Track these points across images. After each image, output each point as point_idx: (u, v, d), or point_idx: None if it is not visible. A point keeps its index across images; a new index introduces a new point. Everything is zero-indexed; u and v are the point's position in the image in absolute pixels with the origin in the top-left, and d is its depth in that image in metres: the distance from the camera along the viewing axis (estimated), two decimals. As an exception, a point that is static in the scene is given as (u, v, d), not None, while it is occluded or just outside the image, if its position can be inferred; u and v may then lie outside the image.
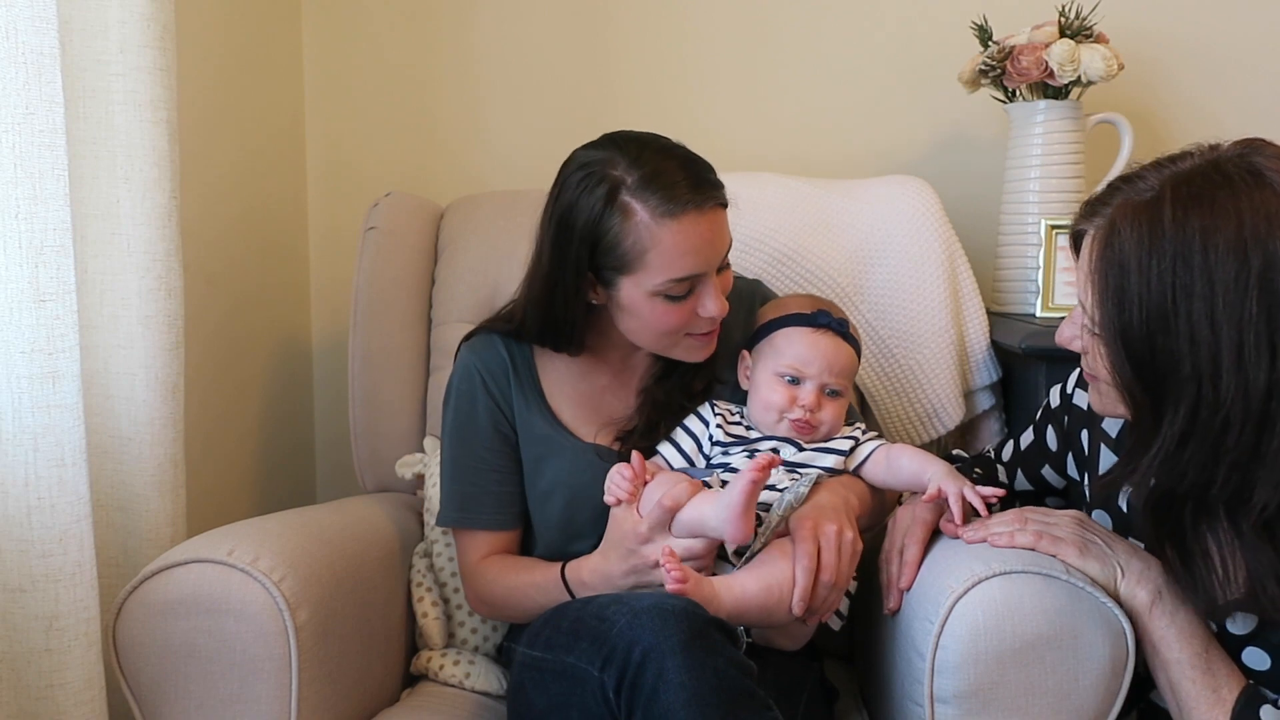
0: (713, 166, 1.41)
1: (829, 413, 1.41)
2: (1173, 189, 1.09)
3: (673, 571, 1.21)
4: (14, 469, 1.20)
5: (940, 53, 2.00)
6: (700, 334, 1.42)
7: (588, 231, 1.36)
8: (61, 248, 1.22)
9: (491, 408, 1.49)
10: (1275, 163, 1.08)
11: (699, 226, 1.35)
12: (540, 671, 1.23)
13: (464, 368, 1.52)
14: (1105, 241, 1.11)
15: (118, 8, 1.38)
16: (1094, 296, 1.13)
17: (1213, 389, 1.07)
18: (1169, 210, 1.07)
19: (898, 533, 1.35)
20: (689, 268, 1.36)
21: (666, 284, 1.36)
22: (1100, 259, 1.11)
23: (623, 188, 1.35)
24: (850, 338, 1.44)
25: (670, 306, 1.38)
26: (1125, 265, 1.09)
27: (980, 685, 1.18)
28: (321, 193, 2.19)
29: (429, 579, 1.61)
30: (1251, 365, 1.05)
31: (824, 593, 1.29)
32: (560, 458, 1.47)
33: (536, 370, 1.52)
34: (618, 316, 1.43)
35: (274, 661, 1.25)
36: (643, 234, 1.34)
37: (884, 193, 1.84)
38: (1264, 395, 1.05)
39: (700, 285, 1.38)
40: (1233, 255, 1.05)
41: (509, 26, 2.14)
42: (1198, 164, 1.11)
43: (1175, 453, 1.10)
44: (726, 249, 1.41)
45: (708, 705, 1.09)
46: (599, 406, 1.51)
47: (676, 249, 1.34)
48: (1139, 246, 1.08)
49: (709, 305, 1.38)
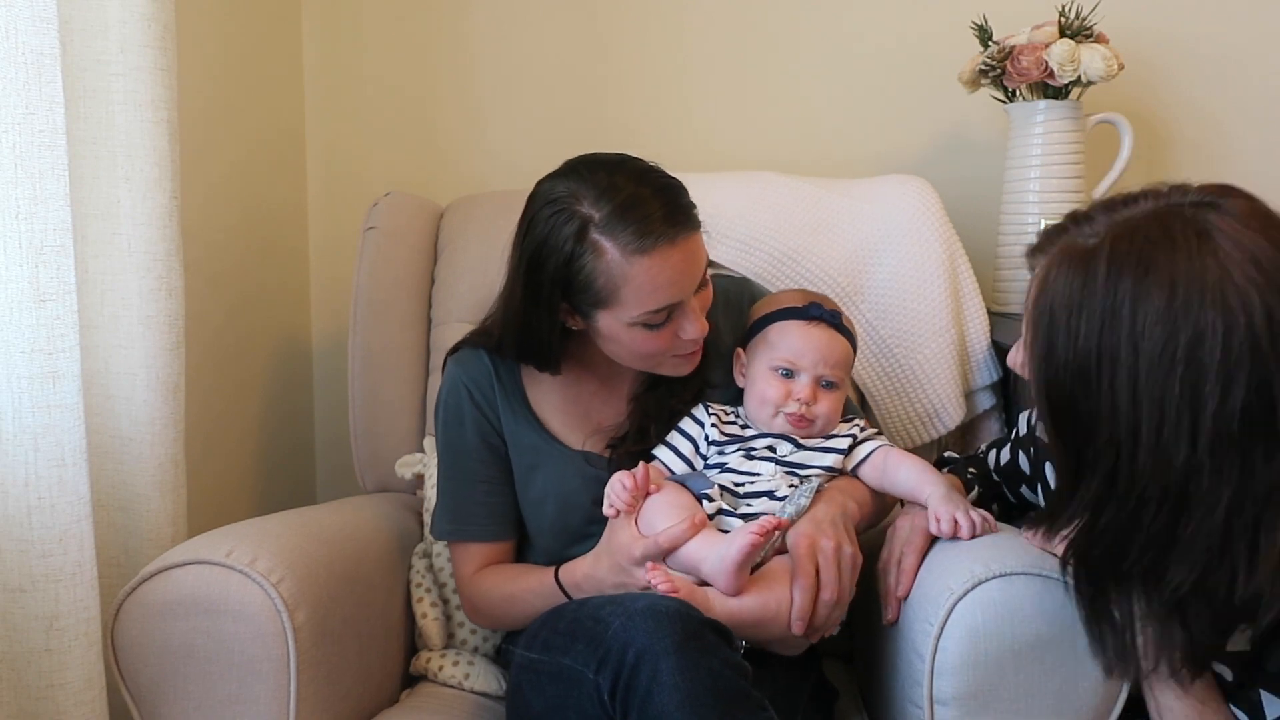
0: (684, 188, 1.37)
1: (825, 405, 1.41)
2: (1112, 242, 1.03)
3: (663, 585, 1.21)
4: (14, 469, 1.20)
5: (940, 53, 2.00)
6: (683, 353, 1.41)
7: (559, 272, 1.33)
8: (62, 248, 1.22)
9: (479, 420, 1.49)
10: (1230, 223, 1.01)
11: (672, 258, 1.31)
12: (537, 673, 1.22)
13: (450, 381, 1.51)
14: (1040, 286, 1.07)
15: (118, 8, 1.38)
16: (1026, 338, 1.09)
17: (1130, 462, 1.01)
18: (1103, 266, 1.02)
19: (896, 543, 1.34)
20: (665, 299, 1.33)
21: (644, 315, 1.34)
22: (1033, 304, 1.07)
23: (592, 225, 1.31)
24: (844, 329, 1.44)
25: (650, 334, 1.36)
26: (1055, 317, 1.04)
27: (980, 687, 1.17)
28: (321, 193, 2.19)
29: (428, 579, 1.61)
30: (1170, 444, 0.99)
31: (824, 611, 1.29)
32: (549, 466, 1.47)
33: (522, 381, 1.51)
34: (599, 341, 1.42)
35: (272, 662, 1.25)
36: (615, 272, 1.31)
37: (884, 192, 1.84)
38: (1182, 477, 0.99)
39: (678, 311, 1.36)
40: (1161, 326, 0.99)
41: (508, 28, 2.14)
42: (1147, 214, 1.04)
43: (1091, 518, 1.06)
44: (703, 270, 1.38)
45: (702, 706, 1.09)
46: (588, 414, 1.51)
47: (651, 283, 1.32)
48: (1069, 300, 1.03)
49: (689, 329, 1.37)
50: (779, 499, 1.35)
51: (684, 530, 1.26)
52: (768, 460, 1.39)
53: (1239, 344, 0.97)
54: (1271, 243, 1.00)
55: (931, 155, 2.08)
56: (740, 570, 1.24)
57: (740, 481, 1.37)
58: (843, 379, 1.43)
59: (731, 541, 1.24)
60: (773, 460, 1.39)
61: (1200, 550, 1.01)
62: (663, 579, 1.22)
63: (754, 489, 1.36)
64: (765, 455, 1.39)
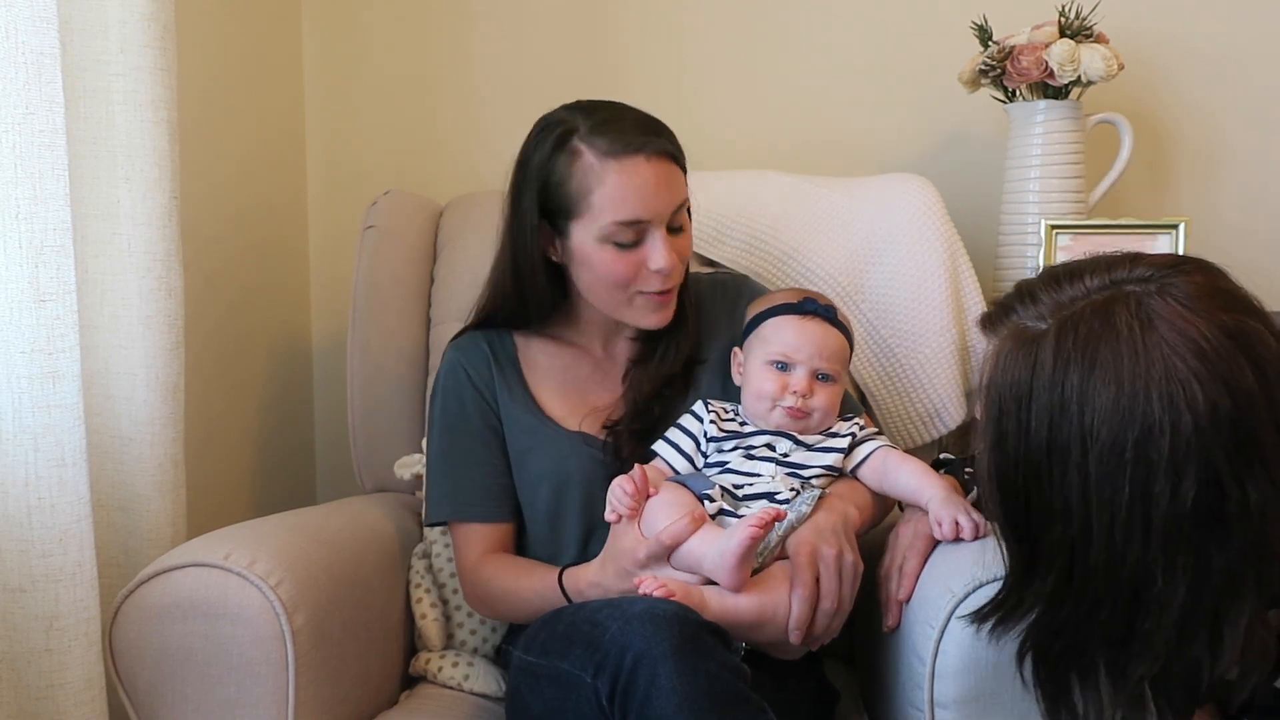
0: (674, 135, 1.43)
1: (821, 398, 1.41)
2: (1058, 331, 1.00)
3: (658, 591, 1.21)
4: (14, 469, 1.20)
5: (940, 53, 2.00)
6: (653, 293, 1.42)
7: (538, 172, 1.41)
8: (62, 248, 1.22)
9: (478, 400, 1.50)
10: (1174, 308, 0.97)
11: (643, 170, 1.36)
12: (535, 677, 1.22)
13: (448, 365, 1.53)
14: (990, 372, 1.05)
15: (118, 8, 1.38)
16: (981, 422, 1.06)
17: (1083, 559, 0.99)
18: (1050, 357, 0.99)
19: (899, 548, 1.33)
20: (633, 212, 1.37)
21: (611, 227, 1.37)
22: (986, 391, 1.05)
23: (574, 134, 1.39)
24: (839, 324, 1.44)
25: (618, 255, 1.39)
26: (1004, 406, 1.02)
27: (981, 690, 1.17)
28: (321, 192, 2.19)
29: (428, 580, 1.61)
30: (1122, 542, 0.97)
31: (824, 620, 1.28)
32: (546, 447, 1.47)
33: (520, 363, 1.53)
34: (575, 273, 1.44)
35: (271, 665, 1.25)
36: (587, 174, 1.37)
37: (885, 191, 1.84)
38: (1135, 574, 0.97)
39: (648, 236, 1.39)
40: (1108, 425, 0.96)
41: (509, 26, 2.14)
42: (1092, 299, 1.01)
43: (1047, 613, 1.03)
44: (678, 205, 1.41)
45: (700, 710, 1.09)
46: (584, 395, 1.52)
47: (620, 190, 1.36)
48: (1018, 390, 1.01)
49: (657, 258, 1.39)
50: (780, 502, 1.35)
51: (684, 527, 1.26)
52: (768, 460, 1.38)
53: (1185, 439, 0.94)
54: (1218, 327, 0.96)
55: (931, 155, 2.08)
56: (742, 564, 1.24)
57: (740, 483, 1.37)
58: (839, 372, 1.43)
59: (732, 535, 1.23)
60: (773, 460, 1.39)
61: (1160, 644, 0.99)
62: (655, 585, 1.22)
63: (754, 491, 1.36)
64: (765, 455, 1.39)
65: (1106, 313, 0.99)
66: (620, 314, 1.46)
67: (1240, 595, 0.97)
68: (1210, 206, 2.03)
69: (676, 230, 1.42)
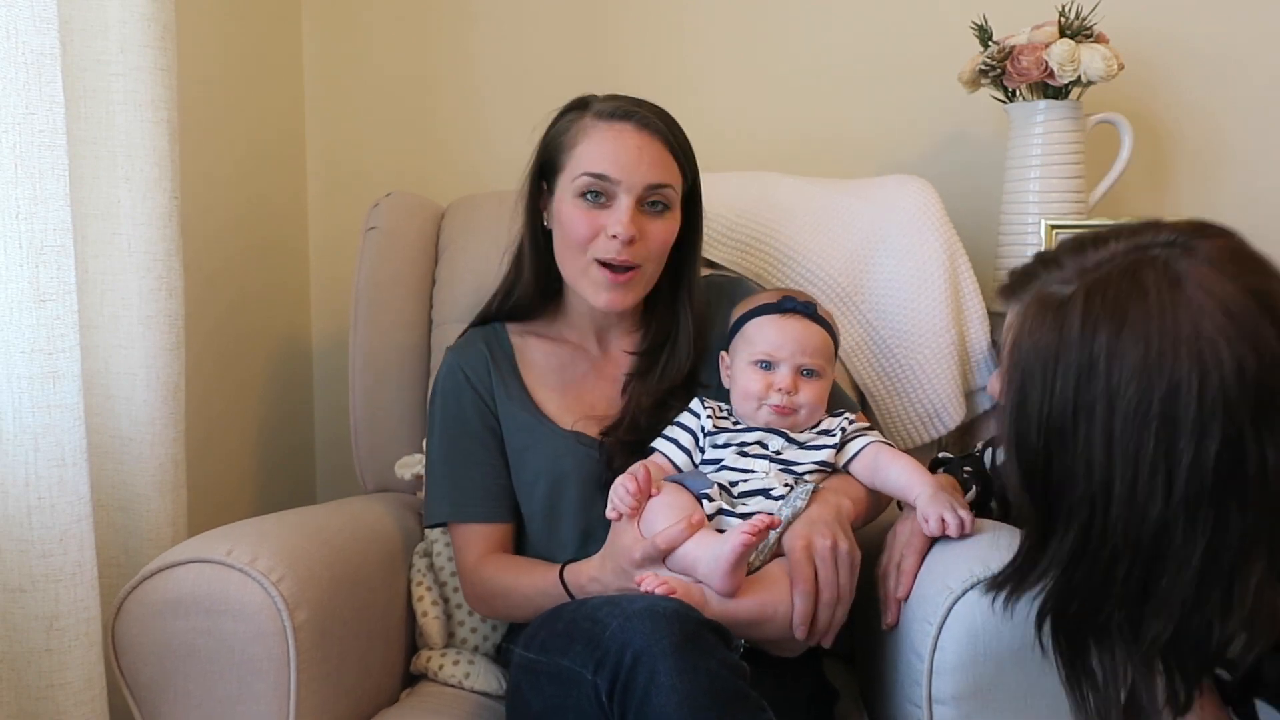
0: (683, 131, 1.51)
1: (807, 394, 1.42)
2: (1086, 294, 1.01)
3: (660, 589, 1.22)
4: (14, 469, 1.20)
5: (940, 53, 2.00)
6: (607, 265, 1.44)
7: (545, 133, 1.53)
8: (62, 248, 1.22)
9: (476, 401, 1.51)
10: (1201, 269, 0.99)
11: (625, 135, 1.45)
12: (536, 674, 1.23)
13: (447, 367, 1.55)
14: (1015, 339, 1.06)
15: (118, 8, 1.38)
16: (1003, 385, 1.08)
17: (1103, 518, 1.00)
18: (1078, 319, 1.01)
19: (896, 546, 1.34)
20: (603, 166, 1.43)
21: (583, 178, 1.44)
22: (1009, 355, 1.07)
23: (587, 105, 1.51)
24: (820, 319, 1.45)
25: (583, 211, 1.44)
26: (1030, 372, 1.03)
27: (979, 687, 1.17)
28: (321, 193, 2.19)
29: (429, 578, 1.61)
30: (1144, 499, 0.98)
31: (826, 612, 1.29)
32: (542, 446, 1.48)
33: (517, 362, 1.55)
34: (555, 238, 1.50)
35: (272, 661, 1.25)
36: (578, 131, 1.47)
37: (884, 192, 1.84)
38: (1155, 532, 0.99)
39: (616, 200, 1.43)
40: (1135, 381, 0.98)
41: (509, 27, 2.14)
42: (1119, 261, 1.02)
43: (1064, 575, 1.04)
44: (657, 183, 1.44)
45: (699, 708, 1.09)
46: (580, 395, 1.53)
47: (599, 145, 1.45)
48: (1044, 353, 1.02)
49: (614, 222, 1.42)
50: (775, 498, 1.36)
51: (680, 531, 1.27)
52: (761, 457, 1.39)
53: (1211, 397, 0.96)
54: (1243, 289, 0.98)
55: (931, 155, 2.08)
56: (734, 570, 1.24)
57: (735, 479, 1.38)
58: (823, 367, 1.44)
59: (725, 541, 1.24)
60: (766, 457, 1.39)
61: (1176, 603, 1.00)
62: (656, 583, 1.22)
63: (749, 488, 1.37)
64: (758, 452, 1.40)
65: (1134, 275, 1.00)
66: (578, 283, 1.48)
67: (1255, 556, 0.98)
68: (1210, 206, 2.03)
69: (655, 211, 1.45)
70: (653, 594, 1.21)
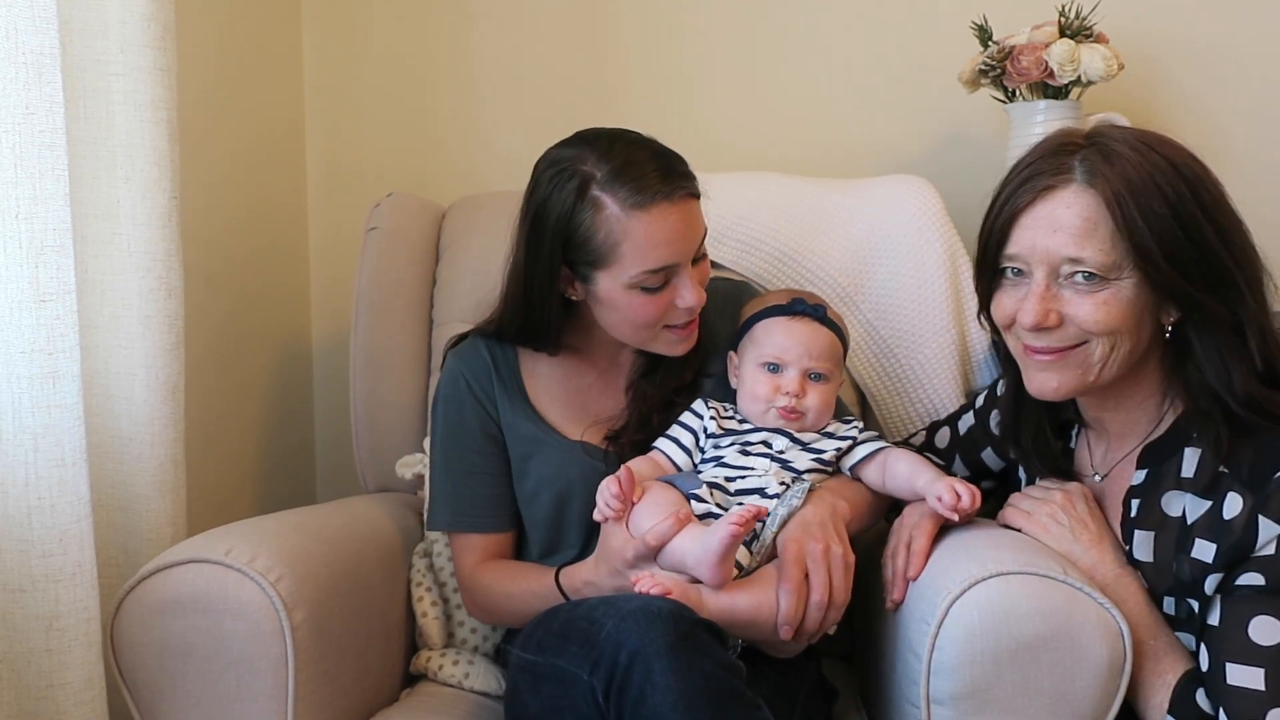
0: (684, 159, 1.42)
1: (814, 397, 1.42)
2: (1128, 145, 1.23)
3: (655, 589, 1.22)
4: (14, 469, 1.20)
5: (940, 53, 2.00)
6: (679, 326, 1.43)
7: (560, 227, 1.38)
8: (61, 248, 1.22)
9: (478, 410, 1.50)
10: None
11: (670, 217, 1.36)
12: (533, 674, 1.23)
13: (449, 374, 1.53)
14: (1106, 186, 1.21)
15: (118, 8, 1.38)
16: (1112, 233, 1.20)
17: (1236, 265, 1.21)
18: (1139, 152, 1.22)
19: (904, 529, 1.35)
20: (663, 259, 1.37)
21: (641, 275, 1.37)
22: (1111, 195, 1.20)
23: (593, 182, 1.36)
24: (829, 322, 1.45)
25: (647, 298, 1.39)
26: (1136, 189, 1.20)
27: (976, 687, 1.18)
28: (321, 193, 2.19)
29: (429, 578, 1.61)
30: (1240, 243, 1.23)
31: (815, 614, 1.29)
32: (546, 457, 1.48)
33: (520, 372, 1.53)
34: (596, 311, 1.44)
35: (270, 661, 1.25)
36: (614, 227, 1.35)
37: (885, 192, 1.84)
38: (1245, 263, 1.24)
39: (675, 276, 1.39)
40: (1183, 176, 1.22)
41: (509, 26, 2.14)
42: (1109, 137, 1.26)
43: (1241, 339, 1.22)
44: (701, 239, 1.42)
45: (695, 707, 1.09)
46: (586, 405, 1.52)
47: (649, 240, 1.35)
48: (1143, 172, 1.21)
49: (686, 296, 1.40)
50: (770, 497, 1.36)
51: (669, 526, 1.27)
52: (763, 456, 1.39)
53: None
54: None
55: (931, 155, 2.08)
56: (723, 560, 1.24)
57: (732, 476, 1.38)
58: (831, 371, 1.44)
59: (713, 533, 1.24)
60: (768, 456, 1.39)
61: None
62: (652, 583, 1.22)
63: (746, 485, 1.37)
64: (761, 451, 1.40)
65: (1122, 140, 1.25)
66: (645, 346, 1.47)
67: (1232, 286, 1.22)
68: None
69: (699, 260, 1.43)
70: (648, 594, 1.21)
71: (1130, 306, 1.23)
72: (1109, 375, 1.26)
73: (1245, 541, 1.17)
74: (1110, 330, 1.23)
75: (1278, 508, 1.16)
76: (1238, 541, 1.17)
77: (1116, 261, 1.21)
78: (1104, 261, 1.21)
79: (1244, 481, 1.19)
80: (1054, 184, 1.24)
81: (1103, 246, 1.21)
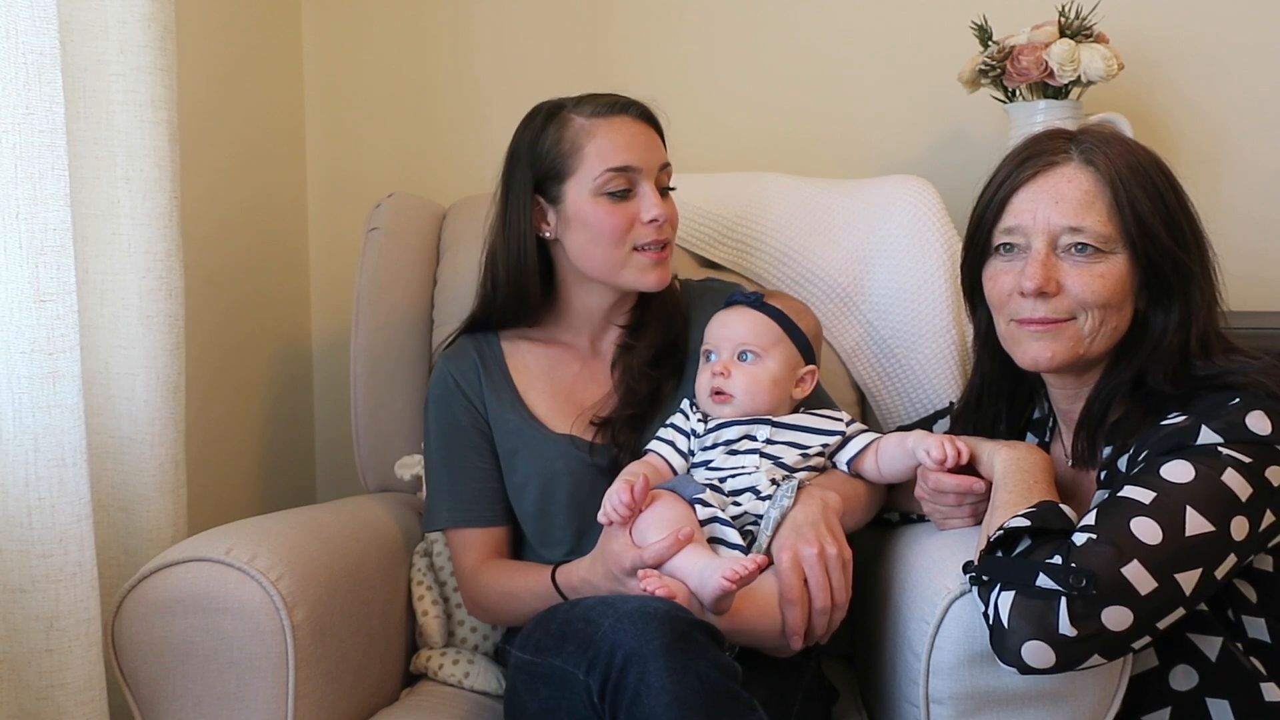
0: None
1: (741, 377, 1.43)
2: (1114, 141, 1.32)
3: (660, 590, 1.22)
4: (14, 469, 1.20)
5: (940, 53, 2.00)
6: (649, 248, 1.46)
7: (528, 149, 1.49)
8: (61, 248, 1.22)
9: (468, 407, 1.52)
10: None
11: (630, 126, 1.48)
12: (531, 674, 1.23)
13: (438, 375, 1.57)
14: (1107, 165, 1.28)
15: (118, 8, 1.38)
16: (1110, 207, 1.27)
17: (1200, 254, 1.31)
18: (1125, 146, 1.32)
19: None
20: (624, 159, 1.45)
21: (605, 175, 1.44)
22: (1112, 173, 1.28)
23: (563, 108, 1.50)
24: (766, 306, 1.46)
25: (613, 207, 1.45)
26: (1130, 173, 1.28)
27: (975, 686, 1.18)
28: (322, 193, 2.19)
29: (429, 578, 1.61)
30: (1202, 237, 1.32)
31: (821, 619, 1.29)
32: (533, 449, 1.49)
33: (508, 367, 1.55)
34: (569, 244, 1.48)
35: (271, 660, 1.26)
36: (579, 134, 1.47)
37: (885, 192, 1.84)
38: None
39: (639, 187, 1.46)
40: (1163, 172, 1.32)
41: (509, 27, 2.14)
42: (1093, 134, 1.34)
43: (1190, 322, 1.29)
44: (664, 163, 1.50)
45: (690, 709, 1.09)
46: (572, 397, 1.53)
47: (611, 141, 1.46)
48: (1132, 160, 1.29)
49: (649, 207, 1.45)
50: (763, 497, 1.36)
51: (668, 547, 1.27)
52: (751, 453, 1.40)
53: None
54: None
55: (931, 155, 2.08)
56: (716, 604, 1.24)
57: (724, 476, 1.39)
58: (764, 349, 1.44)
59: (709, 579, 1.24)
60: (756, 451, 1.39)
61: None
62: (659, 584, 1.22)
63: (738, 485, 1.38)
64: (747, 447, 1.40)
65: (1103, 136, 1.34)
66: (617, 276, 1.48)
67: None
68: (1210, 206, 1.98)
69: (664, 192, 1.49)
70: (646, 594, 1.22)
71: (1121, 283, 1.28)
72: (1098, 349, 1.30)
73: (1183, 440, 1.18)
74: (1103, 303, 1.27)
75: (1222, 425, 1.18)
76: (1174, 434, 1.19)
77: (1112, 235, 1.27)
78: (1103, 233, 1.27)
79: (1192, 415, 1.22)
80: (1056, 160, 1.31)
81: (1101, 219, 1.27)
